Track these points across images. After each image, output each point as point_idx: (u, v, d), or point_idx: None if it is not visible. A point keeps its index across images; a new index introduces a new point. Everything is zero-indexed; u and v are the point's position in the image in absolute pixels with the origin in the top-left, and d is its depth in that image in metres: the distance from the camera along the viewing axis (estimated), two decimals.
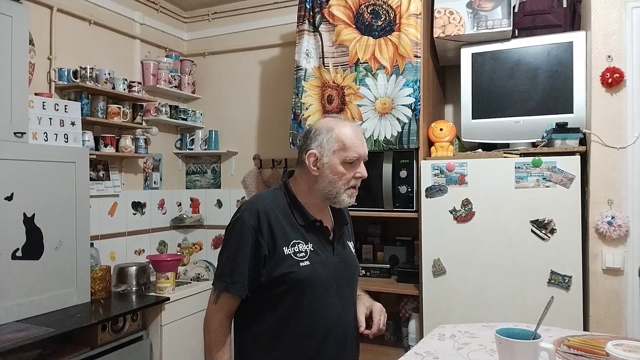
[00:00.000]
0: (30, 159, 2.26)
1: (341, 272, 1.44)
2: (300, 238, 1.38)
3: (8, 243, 2.15)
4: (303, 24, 2.63)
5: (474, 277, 2.17)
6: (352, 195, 1.42)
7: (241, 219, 1.36)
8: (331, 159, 1.36)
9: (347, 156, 1.36)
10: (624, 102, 2.01)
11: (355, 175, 1.39)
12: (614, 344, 1.09)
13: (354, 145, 1.36)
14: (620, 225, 1.97)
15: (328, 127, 1.38)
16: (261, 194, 1.49)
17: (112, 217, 3.03)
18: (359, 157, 1.38)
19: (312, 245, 1.39)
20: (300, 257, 1.36)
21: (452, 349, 1.35)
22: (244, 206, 1.41)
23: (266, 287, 1.35)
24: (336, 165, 1.36)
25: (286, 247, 1.35)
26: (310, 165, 1.38)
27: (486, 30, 2.30)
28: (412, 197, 2.44)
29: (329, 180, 1.37)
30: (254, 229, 1.34)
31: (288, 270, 1.33)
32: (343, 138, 1.36)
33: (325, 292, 1.38)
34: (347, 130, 1.37)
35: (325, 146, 1.36)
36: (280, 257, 1.34)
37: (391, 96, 2.43)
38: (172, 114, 3.37)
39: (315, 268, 1.36)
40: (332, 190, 1.38)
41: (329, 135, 1.37)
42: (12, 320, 2.14)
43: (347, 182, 1.38)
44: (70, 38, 2.80)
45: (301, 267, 1.34)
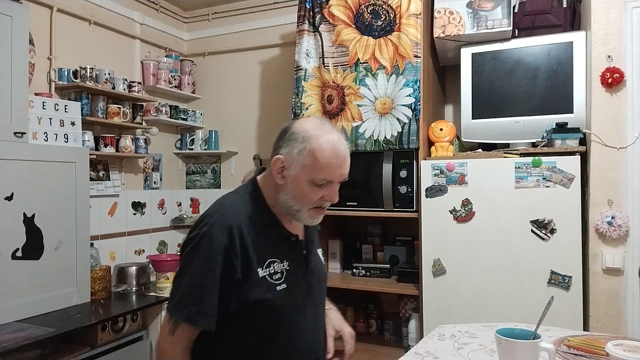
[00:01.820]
0: (30, 159, 2.26)
1: (315, 289, 1.28)
2: (276, 256, 1.19)
3: (8, 243, 2.15)
4: (303, 24, 2.63)
5: (474, 277, 2.17)
6: (316, 216, 1.22)
7: (209, 236, 1.12)
8: (298, 173, 1.15)
9: (316, 177, 1.15)
10: (624, 102, 2.01)
11: (323, 197, 1.19)
12: (614, 344, 1.09)
13: (328, 166, 1.15)
14: (620, 225, 1.97)
15: (305, 135, 1.15)
16: (229, 202, 1.22)
17: (112, 217, 3.03)
18: (331, 181, 1.18)
19: (288, 263, 1.20)
20: (276, 280, 1.16)
21: (452, 349, 1.35)
22: (211, 218, 1.16)
23: (235, 314, 1.14)
24: (302, 182, 1.16)
25: (261, 267, 1.15)
26: (275, 172, 1.18)
27: (486, 30, 2.30)
28: (412, 197, 2.44)
29: (292, 194, 1.18)
30: (226, 248, 1.12)
31: (263, 296, 1.14)
32: (317, 155, 1.14)
33: (301, 315, 1.21)
34: (327, 147, 1.14)
35: (295, 157, 1.15)
36: (254, 280, 1.14)
37: (391, 96, 2.43)
38: (172, 114, 3.37)
39: (293, 291, 1.19)
40: (294, 206, 1.19)
41: (302, 146, 1.15)
42: (12, 320, 2.14)
43: (312, 203, 1.18)
44: (70, 38, 2.80)
45: (277, 291, 1.16)
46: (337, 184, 1.20)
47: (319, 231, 1.46)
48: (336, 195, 1.21)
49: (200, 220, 1.19)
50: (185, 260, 1.16)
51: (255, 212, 1.20)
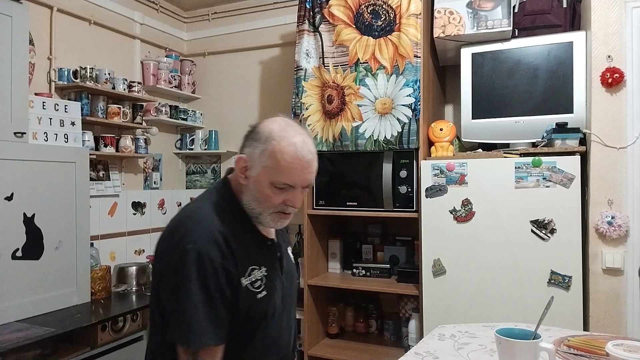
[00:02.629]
0: (30, 159, 2.26)
1: (288, 291, 1.26)
2: (255, 262, 1.14)
3: (8, 243, 2.15)
4: (303, 24, 2.63)
5: (474, 277, 2.17)
6: (280, 220, 1.16)
7: (200, 254, 1.04)
8: (259, 174, 1.11)
9: (276, 180, 1.10)
10: (624, 102, 2.01)
11: (285, 202, 1.13)
12: (614, 344, 1.09)
13: (289, 170, 1.09)
14: (620, 225, 1.97)
15: (269, 135, 1.10)
16: (204, 209, 1.15)
17: (112, 217, 3.03)
18: (293, 186, 1.11)
19: (266, 268, 1.16)
20: (256, 288, 1.12)
21: (452, 349, 1.35)
22: (194, 233, 1.07)
23: None
24: (263, 184, 1.11)
25: (243, 276, 1.10)
26: (238, 171, 1.15)
27: (486, 30, 2.30)
28: (412, 197, 2.44)
29: (253, 196, 1.13)
30: (220, 262, 1.06)
31: (245, 306, 1.10)
32: (279, 157, 1.08)
33: (276, 320, 1.19)
34: (289, 149, 1.08)
35: (257, 158, 1.11)
36: (238, 291, 1.09)
37: (391, 96, 2.43)
38: (172, 114, 3.37)
39: (272, 297, 1.16)
40: (256, 208, 1.14)
41: (264, 146, 1.10)
42: (12, 320, 2.14)
43: (273, 207, 1.13)
44: (70, 38, 2.80)
45: (258, 299, 1.12)
46: (300, 189, 1.13)
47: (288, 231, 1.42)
48: (298, 201, 1.14)
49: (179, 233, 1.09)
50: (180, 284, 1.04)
51: (232, 217, 1.14)
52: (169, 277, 1.07)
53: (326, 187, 2.66)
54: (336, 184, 2.63)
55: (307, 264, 2.68)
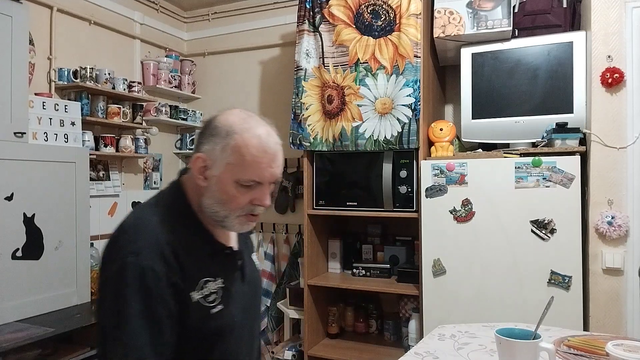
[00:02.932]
0: (30, 159, 2.26)
1: (251, 301, 1.15)
2: (209, 274, 1.02)
3: (8, 243, 2.15)
4: (303, 24, 2.63)
5: (474, 277, 2.17)
6: (247, 223, 1.06)
7: (142, 268, 0.92)
8: (222, 173, 1.00)
9: (242, 177, 0.99)
10: (624, 102, 2.01)
11: (252, 201, 1.02)
12: (614, 344, 1.09)
13: (255, 164, 0.99)
14: (620, 225, 1.97)
15: (229, 129, 1.00)
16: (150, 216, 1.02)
17: (112, 217, 3.03)
18: (260, 182, 1.02)
19: (222, 279, 1.05)
20: (210, 302, 1.01)
21: (452, 349, 1.35)
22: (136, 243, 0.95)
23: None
24: (227, 183, 1.00)
25: (193, 290, 0.98)
26: (196, 172, 1.03)
27: (486, 30, 2.30)
28: (412, 197, 2.44)
29: (216, 198, 1.01)
30: (165, 276, 0.94)
31: (197, 323, 0.99)
32: (243, 151, 0.98)
33: (236, 335, 1.08)
34: (254, 142, 0.99)
35: (218, 154, 1.00)
36: (186, 307, 0.97)
37: (391, 96, 2.43)
38: (172, 114, 3.37)
39: (230, 312, 1.05)
40: (220, 211, 1.02)
41: (226, 141, 0.99)
42: (12, 320, 2.14)
43: (240, 208, 1.02)
44: (70, 38, 2.80)
45: (212, 315, 1.01)
46: (268, 185, 1.03)
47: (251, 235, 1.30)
48: (267, 198, 1.04)
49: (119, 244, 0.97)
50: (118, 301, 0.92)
51: (181, 226, 1.03)
52: (106, 291, 0.96)
53: (326, 187, 2.66)
54: (336, 184, 2.63)
55: (307, 264, 2.68)
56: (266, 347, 3.25)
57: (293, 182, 3.25)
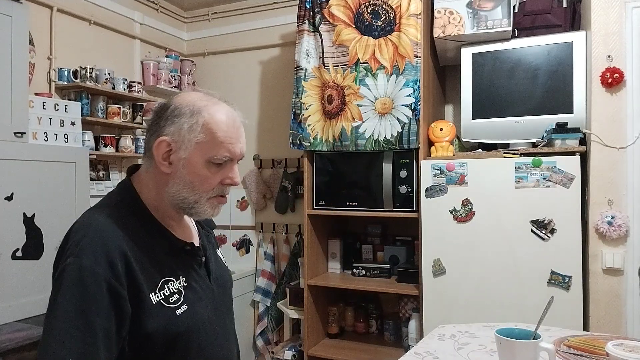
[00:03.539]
0: (30, 159, 2.26)
1: (221, 300, 1.10)
2: (169, 274, 0.97)
3: (8, 243, 2.15)
4: (303, 24, 2.63)
5: (474, 277, 2.17)
6: (218, 205, 1.02)
7: (81, 268, 0.85)
8: (191, 154, 0.96)
9: (214, 155, 0.96)
10: (624, 102, 2.01)
11: (223, 181, 0.99)
12: (614, 344, 1.09)
13: (227, 140, 0.97)
14: (620, 225, 1.97)
15: (194, 108, 0.96)
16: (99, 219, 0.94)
17: None
18: (232, 158, 0.99)
19: (185, 278, 1.00)
20: (173, 303, 0.95)
21: (452, 349, 1.35)
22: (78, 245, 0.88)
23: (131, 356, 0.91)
24: (197, 163, 0.96)
25: (152, 292, 0.92)
26: (160, 158, 0.97)
27: (486, 30, 2.30)
28: (412, 197, 2.44)
29: (185, 182, 0.97)
30: (108, 281, 0.86)
31: (160, 327, 0.92)
32: (213, 127, 0.96)
33: (210, 334, 1.02)
34: (221, 117, 0.97)
35: (186, 134, 0.95)
36: (146, 311, 0.90)
37: (391, 96, 2.43)
38: None
39: (196, 311, 0.99)
40: (189, 197, 0.98)
41: (193, 120, 0.96)
42: (12, 320, 2.14)
43: (211, 190, 0.99)
44: (70, 38, 2.80)
45: (178, 316, 0.95)
46: (236, 162, 1.01)
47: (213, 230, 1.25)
48: (237, 176, 1.02)
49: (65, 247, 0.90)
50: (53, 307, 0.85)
51: (134, 224, 0.96)
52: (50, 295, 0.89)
53: (326, 187, 2.66)
54: (336, 184, 2.63)
55: (307, 264, 2.68)
56: (266, 347, 3.25)
57: (293, 182, 3.25)
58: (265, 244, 3.37)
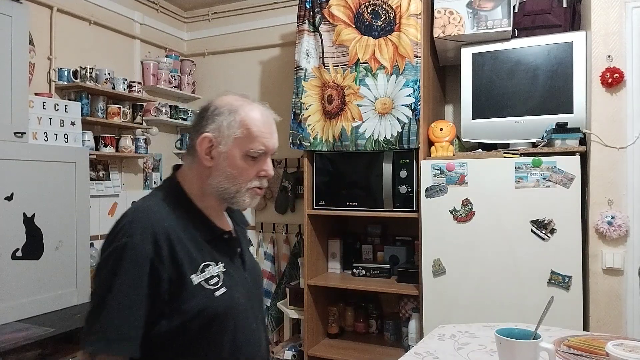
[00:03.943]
0: (30, 159, 2.26)
1: (253, 289, 1.19)
2: (209, 258, 1.07)
3: (8, 243, 2.15)
4: (303, 24, 2.63)
5: (474, 277, 2.17)
6: (255, 197, 1.13)
7: (130, 246, 0.97)
8: (230, 148, 1.07)
9: (250, 148, 1.07)
10: (624, 102, 2.01)
11: (259, 173, 1.11)
12: (614, 344, 1.09)
13: (261, 134, 1.09)
14: (620, 225, 1.97)
15: (231, 107, 1.09)
16: (148, 204, 1.08)
17: (112, 217, 3.03)
18: (266, 152, 1.10)
19: (223, 264, 1.09)
20: (213, 285, 1.04)
21: (452, 349, 1.35)
22: (130, 225, 1.00)
23: (172, 334, 1.00)
24: (235, 157, 1.08)
25: (194, 274, 1.02)
26: (203, 152, 1.08)
27: (486, 30, 2.30)
28: (412, 197, 2.44)
29: (226, 175, 1.08)
30: (151, 258, 0.97)
31: (201, 306, 1.01)
32: (249, 124, 1.08)
33: (245, 320, 1.10)
34: (255, 115, 1.09)
35: (225, 131, 1.07)
36: (188, 291, 1.00)
37: (391, 96, 2.43)
38: (172, 114, 3.37)
39: (233, 295, 1.08)
40: (230, 187, 1.09)
41: (231, 118, 1.08)
42: (12, 320, 2.14)
43: (249, 181, 1.10)
44: (70, 38, 2.80)
45: (217, 297, 1.04)
46: (270, 156, 1.13)
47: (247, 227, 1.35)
48: (271, 168, 1.13)
49: (118, 227, 1.02)
50: (103, 280, 0.98)
51: (179, 212, 1.07)
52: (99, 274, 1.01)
53: (326, 187, 2.66)
54: (336, 184, 2.63)
55: (307, 264, 2.68)
56: None
57: (293, 182, 3.25)
58: (265, 244, 3.37)
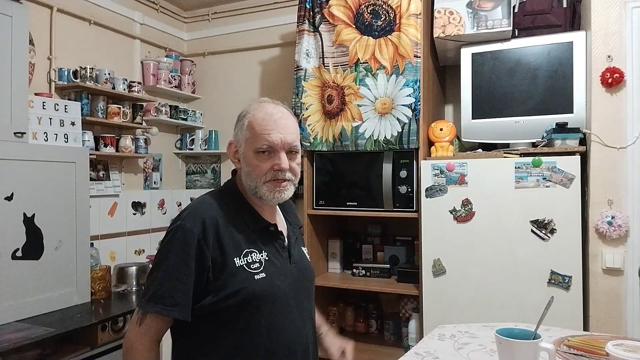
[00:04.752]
0: (30, 159, 2.26)
1: (299, 283, 1.26)
2: (253, 246, 1.19)
3: (8, 243, 2.15)
4: (303, 24, 2.63)
5: (474, 277, 2.17)
6: (274, 189, 1.21)
7: (182, 228, 1.14)
8: (245, 149, 1.22)
9: (255, 145, 1.19)
10: (624, 102, 2.01)
11: (273, 167, 1.19)
12: (614, 344, 1.09)
13: (263, 131, 1.18)
14: (620, 225, 1.97)
15: (243, 112, 1.24)
16: (205, 198, 1.25)
17: (112, 217, 3.03)
18: (271, 147, 1.18)
19: (267, 253, 1.20)
20: (254, 269, 1.16)
21: (452, 349, 1.35)
22: (185, 212, 1.19)
23: (214, 309, 1.13)
24: (249, 156, 1.20)
25: (237, 257, 1.15)
26: (231, 156, 1.27)
27: (486, 30, 2.30)
28: (412, 197, 2.44)
29: (246, 172, 1.22)
30: (198, 238, 1.12)
31: (240, 285, 1.13)
32: (252, 124, 1.20)
33: (284, 306, 1.19)
34: (259, 115, 1.20)
35: (239, 135, 1.23)
36: (230, 271, 1.13)
37: (391, 96, 2.43)
38: (172, 114, 3.37)
39: (272, 280, 1.18)
40: (250, 184, 1.21)
41: (241, 122, 1.23)
42: (12, 320, 2.14)
43: (264, 175, 1.19)
44: (70, 38, 2.79)
45: (256, 280, 1.15)
46: (282, 151, 1.20)
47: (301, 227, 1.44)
48: (284, 162, 1.19)
49: (178, 215, 1.21)
50: (159, 254, 1.16)
51: (230, 205, 1.22)
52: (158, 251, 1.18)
53: (326, 187, 2.66)
54: (336, 184, 2.63)
55: None
56: None
57: None
58: None
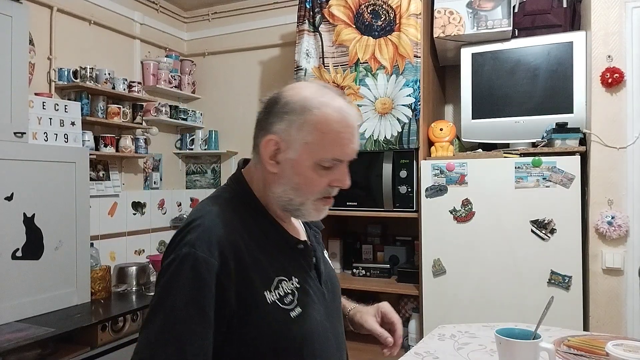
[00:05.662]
0: (30, 159, 2.26)
1: (331, 305, 1.01)
2: (282, 273, 0.90)
3: (8, 243, 2.15)
4: (303, 24, 2.63)
5: (474, 277, 2.17)
6: (323, 208, 0.94)
7: (193, 258, 0.81)
8: (300, 155, 0.88)
9: (324, 157, 0.88)
10: (624, 102, 2.01)
11: (332, 183, 0.92)
12: (614, 344, 1.09)
13: (338, 141, 0.88)
14: (620, 225, 1.97)
15: (305, 104, 0.88)
16: (213, 210, 0.90)
17: (112, 217, 3.03)
18: (342, 162, 0.92)
19: (298, 279, 0.92)
20: (288, 304, 0.88)
21: (452, 349, 1.35)
22: (193, 233, 0.84)
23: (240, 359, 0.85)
24: (304, 166, 0.89)
25: (267, 291, 0.86)
26: (267, 157, 0.91)
27: (486, 30, 2.30)
28: (412, 197, 2.44)
29: (292, 184, 0.90)
30: (217, 273, 0.82)
31: (276, 328, 0.86)
32: (324, 127, 0.87)
33: (324, 342, 0.94)
34: (336, 117, 0.88)
35: (294, 134, 0.88)
36: (262, 311, 0.84)
37: (391, 96, 2.43)
38: (172, 114, 3.37)
39: (311, 315, 0.91)
40: (295, 199, 0.91)
41: (302, 118, 0.87)
42: (12, 320, 2.14)
43: (319, 192, 0.91)
44: (70, 38, 2.79)
45: (293, 319, 0.88)
46: (347, 163, 0.93)
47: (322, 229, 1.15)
48: (347, 178, 0.93)
49: (178, 237, 0.87)
50: (159, 293, 0.82)
51: (248, 218, 0.91)
52: (157, 287, 0.85)
53: None
54: None
55: None
56: None
57: None
58: None
